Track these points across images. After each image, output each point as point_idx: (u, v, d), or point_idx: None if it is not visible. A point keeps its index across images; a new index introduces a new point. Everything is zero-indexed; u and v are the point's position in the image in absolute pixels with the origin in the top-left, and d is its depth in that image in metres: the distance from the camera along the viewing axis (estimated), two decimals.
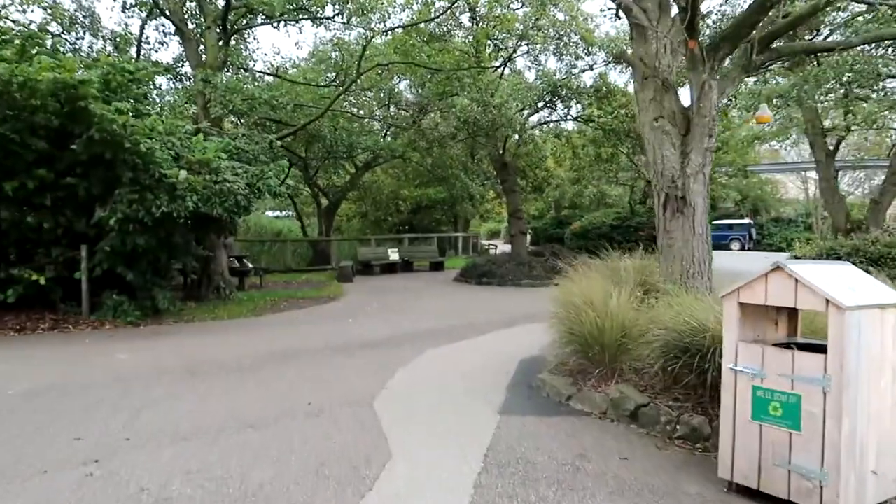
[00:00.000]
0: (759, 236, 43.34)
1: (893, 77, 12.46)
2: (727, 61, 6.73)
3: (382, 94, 19.57)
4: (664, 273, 6.58)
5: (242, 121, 14.68)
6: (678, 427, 4.84)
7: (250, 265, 16.01)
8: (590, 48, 18.92)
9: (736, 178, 28.36)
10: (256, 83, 15.21)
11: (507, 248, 36.05)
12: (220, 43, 13.98)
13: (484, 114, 15.52)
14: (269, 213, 35.58)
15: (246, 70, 14.05)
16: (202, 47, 14.43)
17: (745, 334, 3.91)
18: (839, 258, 11.52)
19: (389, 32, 15.70)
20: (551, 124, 21.00)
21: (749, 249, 41.85)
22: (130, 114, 9.11)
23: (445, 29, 18.74)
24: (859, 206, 43.90)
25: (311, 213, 28.77)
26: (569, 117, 19.96)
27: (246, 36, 15.61)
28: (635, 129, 19.10)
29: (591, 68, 19.32)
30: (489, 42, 19.64)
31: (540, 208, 38.23)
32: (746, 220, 42.08)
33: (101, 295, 10.32)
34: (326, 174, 23.81)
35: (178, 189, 9.50)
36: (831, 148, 14.13)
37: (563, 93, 18.83)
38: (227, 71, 13.62)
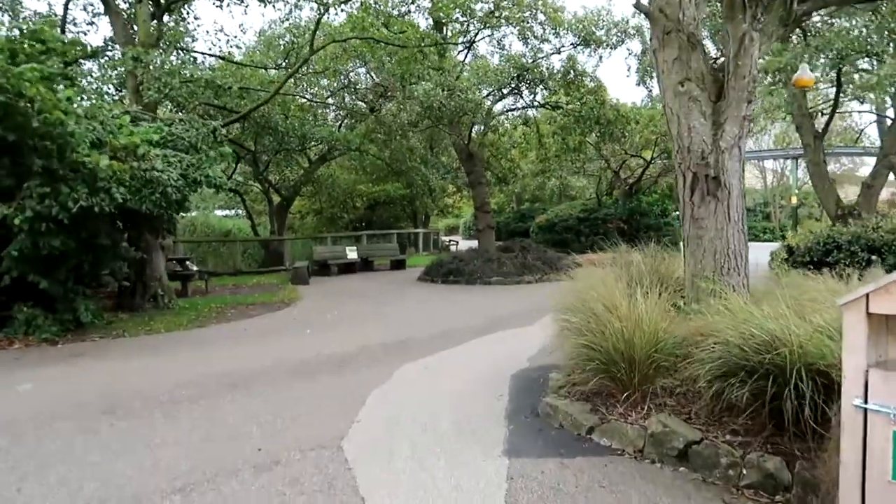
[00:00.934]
0: None
1: None
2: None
3: (338, 79, 18.10)
4: (692, 269, 5.48)
5: (182, 111, 13.11)
6: (745, 472, 3.71)
7: (194, 268, 14.46)
8: (557, 30, 17.91)
9: None
10: (197, 65, 13.65)
11: (469, 243, 35.06)
12: (153, 20, 12.42)
13: (449, 99, 14.29)
14: (219, 212, 33.69)
15: (185, 51, 12.50)
16: (135, 27, 12.83)
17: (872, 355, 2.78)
18: (839, 247, 10.72)
19: (344, 9, 14.30)
20: (517, 112, 19.91)
21: None
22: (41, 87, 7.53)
23: (405, 10, 17.45)
24: (814, 195, 44.41)
25: (263, 211, 27.12)
26: (535, 104, 18.89)
27: (184, 13, 14.02)
28: (605, 115, 18.23)
29: (559, 52, 18.30)
30: (450, 24, 18.43)
31: (500, 202, 37.27)
32: None
33: (11, 308, 8.75)
34: (278, 169, 22.25)
35: (99, 179, 8.01)
36: (819, 130, 13.38)
37: (530, 77, 17.78)
38: (163, 51, 12.03)
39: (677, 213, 34.64)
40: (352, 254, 20.57)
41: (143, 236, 10.73)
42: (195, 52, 14.07)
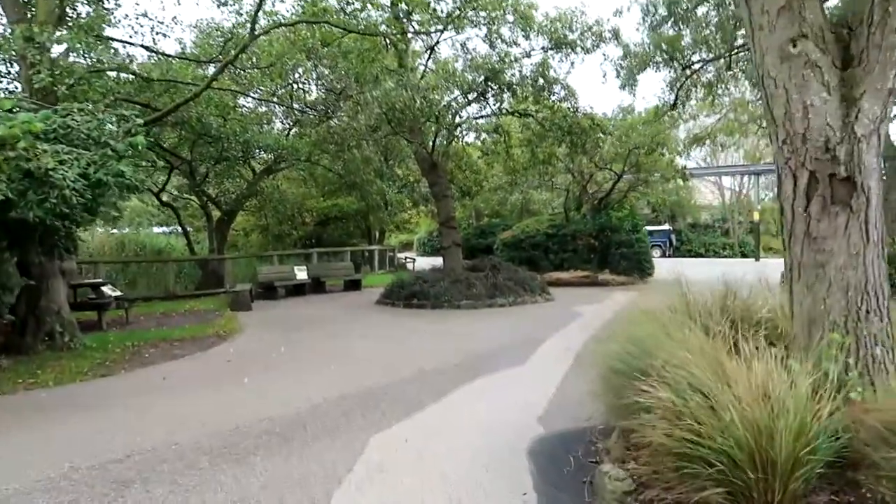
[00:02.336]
0: (679, 242, 42.73)
1: None
2: None
3: (285, 79, 16.08)
4: (808, 311, 3.75)
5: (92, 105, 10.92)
6: None
7: (112, 294, 12.19)
8: (528, 32, 16.37)
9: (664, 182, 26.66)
10: (113, 53, 11.50)
11: (425, 261, 33.20)
12: None
13: (413, 99, 12.51)
14: (158, 230, 30.93)
15: (100, 38, 10.40)
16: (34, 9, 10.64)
17: None
18: None
19: None
20: (483, 120, 18.27)
21: (670, 256, 41.10)
22: None
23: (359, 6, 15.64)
24: (770, 211, 44.30)
25: (203, 227, 24.69)
26: (503, 111, 17.25)
27: None
28: (578, 124, 16.75)
29: (529, 55, 16.73)
30: (410, 24, 16.71)
31: (459, 217, 35.56)
32: (666, 227, 41.29)
33: None
34: (218, 181, 20.00)
35: None
36: None
37: (497, 83, 16.16)
38: (68, 32, 9.87)
39: (655, 228, 33.63)
40: (301, 274, 18.50)
41: (35, 257, 8.53)
42: (113, 39, 11.92)
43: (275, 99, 17.35)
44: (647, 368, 3.70)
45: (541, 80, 16.63)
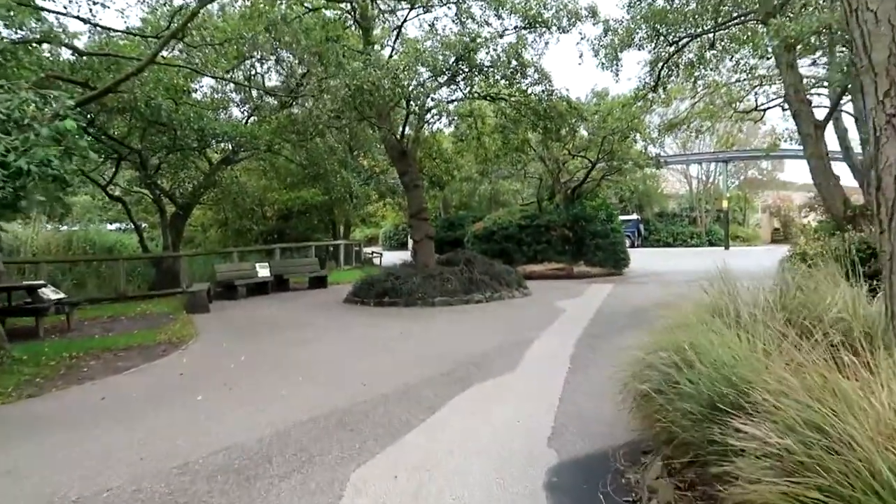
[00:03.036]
0: (646, 232, 42.56)
1: None
2: None
3: (242, 56, 14.90)
4: None
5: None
6: None
7: (52, 297, 10.97)
8: (499, 10, 15.52)
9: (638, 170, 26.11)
10: (41, 23, 10.25)
11: (392, 255, 32.18)
12: None
13: (381, 80, 11.53)
14: (112, 227, 29.23)
15: (24, 4, 9.17)
16: None
17: None
18: (871, 256, 8.76)
19: None
20: (453, 105, 17.33)
21: (639, 246, 40.91)
22: None
23: None
24: (736, 199, 44.43)
25: (159, 223, 23.27)
26: (475, 94, 16.34)
27: None
28: (555, 108, 15.97)
29: (502, 36, 15.84)
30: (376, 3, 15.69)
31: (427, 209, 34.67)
32: (634, 216, 41.05)
33: None
34: (172, 172, 18.66)
35: None
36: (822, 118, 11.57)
37: (469, 64, 15.26)
38: None
39: (624, 217, 33.19)
40: (263, 271, 17.41)
41: None
42: (44, 9, 10.65)
43: (231, 81, 16.15)
44: (726, 393, 2.88)
45: (514, 63, 15.81)
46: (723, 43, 14.04)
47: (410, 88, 12.62)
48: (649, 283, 17.40)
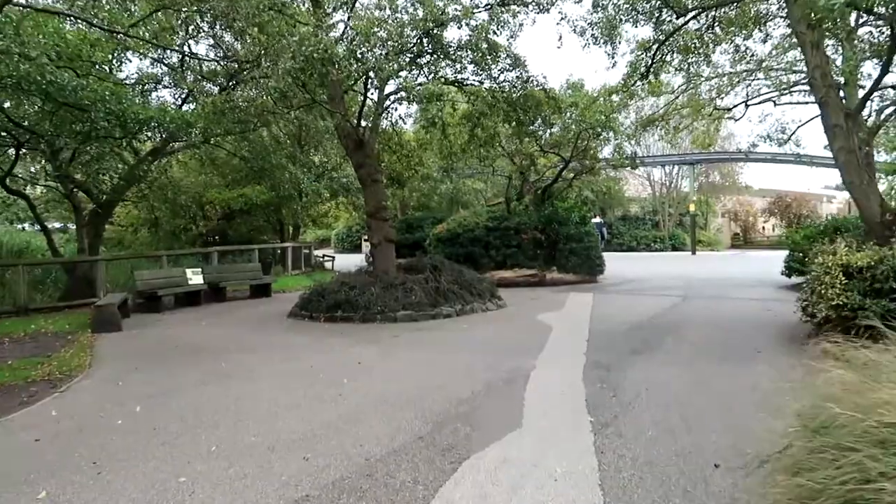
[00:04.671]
0: (609, 235, 41.29)
1: None
2: None
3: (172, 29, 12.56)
4: None
5: None
6: None
7: None
8: None
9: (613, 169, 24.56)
10: None
11: (345, 259, 29.84)
12: None
13: (335, 49, 9.44)
14: (29, 227, 26.15)
15: None
16: None
17: None
18: None
19: None
20: (418, 90, 15.26)
21: (603, 250, 39.53)
22: None
23: None
24: (700, 203, 43.58)
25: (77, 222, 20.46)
26: (441, 79, 14.32)
27: None
28: (532, 96, 14.14)
29: (474, 12, 13.83)
30: None
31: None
32: (598, 220, 39.73)
33: None
34: (85, 162, 15.91)
35: None
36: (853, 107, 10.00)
37: (434, 44, 13.30)
38: None
39: (597, 220, 31.66)
40: (196, 278, 15.06)
41: None
42: None
43: (148, 42, 13.74)
44: None
45: (484, 45, 13.88)
46: (722, 25, 12.41)
47: (370, 63, 10.50)
48: (629, 293, 15.72)
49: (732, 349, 8.16)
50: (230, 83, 16.71)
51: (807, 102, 17.34)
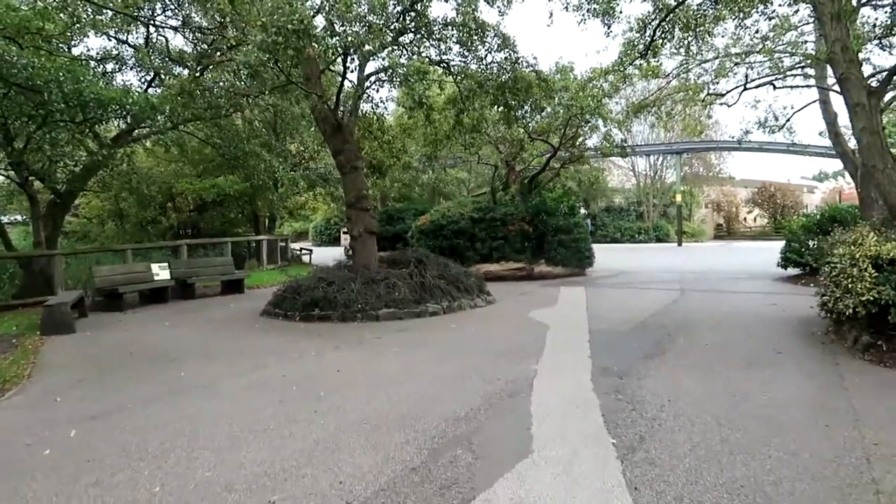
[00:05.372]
0: (593, 227, 40.70)
1: None
2: None
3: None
4: None
5: None
6: None
7: None
8: None
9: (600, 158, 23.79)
10: None
11: (325, 252, 28.79)
12: None
13: (311, 21, 8.48)
14: None
15: None
16: None
17: None
18: None
19: None
20: (401, 66, 14.26)
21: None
22: None
23: None
24: (684, 193, 43.04)
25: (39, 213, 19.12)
26: (425, 59, 13.37)
27: None
28: (524, 78, 13.30)
29: None
30: None
31: None
32: (583, 211, 39.12)
33: None
34: (37, 148, 14.56)
35: None
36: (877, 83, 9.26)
37: (418, 20, 12.38)
38: None
39: (585, 212, 30.89)
40: (162, 274, 14.03)
41: None
42: None
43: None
44: None
45: (472, 24, 12.98)
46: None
47: (349, 38, 9.52)
48: (623, 287, 14.96)
49: (752, 351, 7.39)
50: (199, 66, 15.64)
51: (807, 86, 16.63)
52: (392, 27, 11.52)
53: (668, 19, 11.49)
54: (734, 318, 9.85)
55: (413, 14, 12.10)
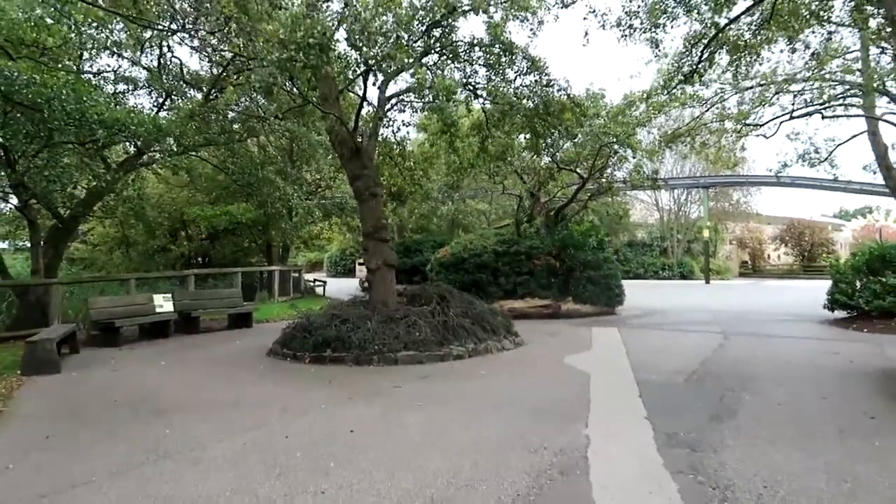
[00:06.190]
0: (618, 262, 39.51)
1: None
2: None
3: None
4: None
5: None
6: None
7: None
8: None
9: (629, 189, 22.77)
10: None
11: (339, 284, 27.89)
12: None
13: (333, 34, 7.62)
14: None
15: None
16: None
17: None
18: None
19: None
20: (428, 84, 13.36)
21: None
22: None
23: None
24: (710, 230, 41.86)
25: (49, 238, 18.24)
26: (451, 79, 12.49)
27: None
28: (557, 101, 12.38)
29: (489, 7, 12.01)
30: None
31: None
32: None
33: None
34: (38, 171, 13.73)
35: None
36: None
37: (444, 39, 11.56)
38: None
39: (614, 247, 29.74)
40: (165, 305, 13.09)
41: None
42: None
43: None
44: None
45: (497, 47, 12.13)
46: (781, 17, 10.67)
47: (372, 51, 8.62)
48: (659, 329, 13.83)
49: (837, 414, 6.23)
50: (212, 89, 14.90)
51: (858, 116, 15.59)
52: (416, 45, 10.66)
53: (716, 39, 10.54)
54: (797, 370, 8.68)
55: (440, 30, 11.29)
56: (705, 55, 10.58)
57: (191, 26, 13.04)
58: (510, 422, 6.01)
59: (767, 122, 17.25)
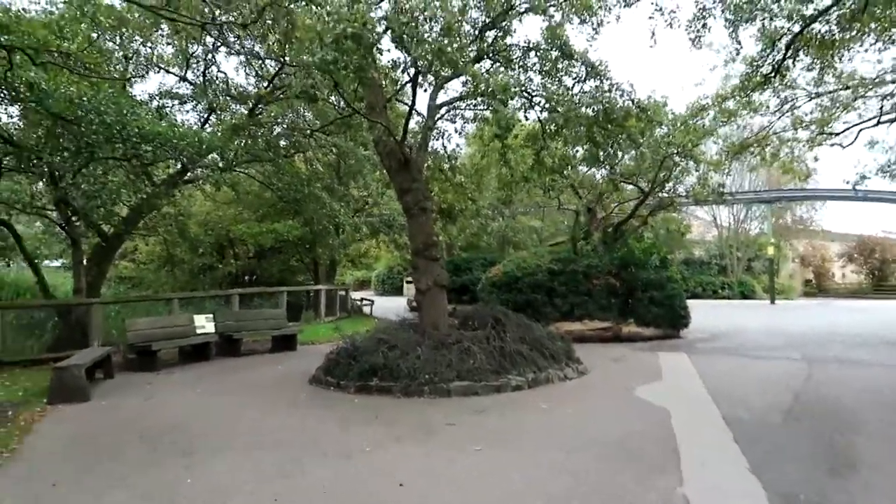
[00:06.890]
0: None
1: None
2: None
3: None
4: None
5: None
6: None
7: None
8: None
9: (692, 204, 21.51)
10: None
11: (387, 303, 27.20)
12: None
13: (377, 25, 6.91)
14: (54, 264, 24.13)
15: None
16: None
17: None
18: None
19: None
20: (475, 105, 12.59)
21: None
22: None
23: None
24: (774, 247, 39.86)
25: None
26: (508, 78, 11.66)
27: None
28: (622, 108, 11.43)
29: (546, 10, 11.16)
30: None
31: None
32: None
33: None
34: (96, 190, 13.47)
35: None
36: None
37: (497, 45, 10.80)
38: None
39: (678, 264, 28.44)
40: (207, 326, 12.56)
41: None
42: None
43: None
44: None
45: (554, 53, 11.30)
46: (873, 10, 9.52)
47: (424, 49, 7.83)
48: (732, 355, 12.60)
49: None
50: (258, 104, 14.47)
51: None
52: (468, 50, 9.88)
53: (801, 35, 9.45)
54: None
55: (494, 33, 10.54)
56: (789, 53, 9.50)
57: (223, 17, 12.56)
58: (583, 467, 5.10)
59: (844, 131, 15.91)
